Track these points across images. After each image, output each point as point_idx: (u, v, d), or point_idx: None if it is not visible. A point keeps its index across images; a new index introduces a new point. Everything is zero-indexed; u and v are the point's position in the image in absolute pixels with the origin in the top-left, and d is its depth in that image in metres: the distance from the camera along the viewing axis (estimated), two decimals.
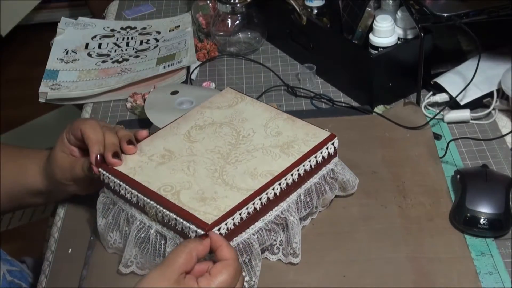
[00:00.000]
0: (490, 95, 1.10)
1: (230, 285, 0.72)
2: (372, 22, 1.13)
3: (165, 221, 0.81)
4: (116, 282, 0.87)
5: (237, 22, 1.31)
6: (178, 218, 0.79)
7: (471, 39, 1.13)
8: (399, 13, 1.13)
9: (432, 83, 1.14)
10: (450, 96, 1.11)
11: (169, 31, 1.38)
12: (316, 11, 1.24)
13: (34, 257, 1.15)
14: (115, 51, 1.33)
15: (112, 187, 0.86)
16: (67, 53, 1.32)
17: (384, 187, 0.98)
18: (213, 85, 1.20)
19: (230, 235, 0.79)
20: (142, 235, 0.84)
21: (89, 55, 1.32)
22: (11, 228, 2.18)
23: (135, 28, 1.41)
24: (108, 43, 1.36)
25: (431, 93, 1.14)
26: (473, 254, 0.88)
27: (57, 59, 1.30)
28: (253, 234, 0.83)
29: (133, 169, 0.86)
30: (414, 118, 1.09)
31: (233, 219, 0.79)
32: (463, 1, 1.07)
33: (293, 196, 0.87)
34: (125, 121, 1.15)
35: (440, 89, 1.12)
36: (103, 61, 1.30)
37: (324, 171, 0.90)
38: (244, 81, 1.24)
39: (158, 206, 0.81)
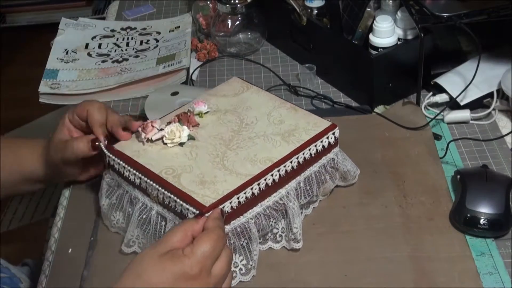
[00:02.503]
0: (490, 95, 1.10)
1: (213, 252, 0.73)
2: (372, 22, 1.13)
3: (165, 202, 0.83)
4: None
5: (237, 22, 1.31)
6: (177, 200, 0.81)
7: (471, 40, 1.13)
8: (399, 14, 1.13)
9: (432, 83, 1.14)
10: (450, 97, 1.11)
11: (169, 31, 1.38)
12: (316, 11, 1.24)
13: (35, 258, 1.15)
14: (115, 51, 1.33)
15: (117, 169, 0.89)
16: (67, 53, 1.32)
17: (385, 187, 0.98)
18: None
19: (227, 218, 0.82)
20: (144, 216, 0.87)
21: (89, 55, 1.32)
22: (11, 229, 2.18)
23: (135, 28, 1.41)
24: (108, 43, 1.36)
25: (431, 93, 1.14)
26: (473, 254, 0.88)
27: (57, 58, 1.31)
28: (251, 219, 0.85)
29: (137, 152, 0.88)
30: (414, 118, 1.09)
31: (230, 202, 0.81)
32: (463, 1, 1.07)
33: (293, 183, 0.89)
34: None
35: (440, 89, 1.12)
36: (103, 61, 1.30)
37: (324, 160, 0.92)
38: None
39: (159, 188, 0.83)
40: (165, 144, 0.89)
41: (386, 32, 1.11)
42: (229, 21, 1.31)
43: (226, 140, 0.90)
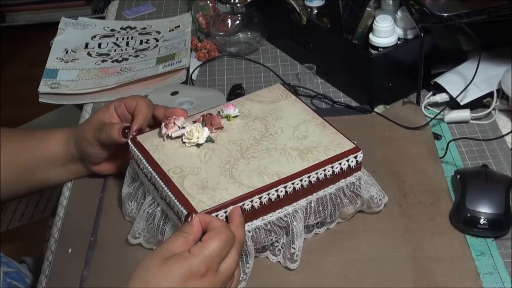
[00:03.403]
0: (490, 95, 1.10)
1: (222, 252, 0.73)
2: (372, 22, 1.13)
3: (167, 201, 0.83)
4: (118, 283, 0.87)
5: (237, 22, 1.31)
6: (175, 200, 0.81)
7: (471, 39, 1.13)
8: (399, 13, 1.13)
9: (432, 83, 1.14)
10: (450, 96, 1.11)
11: (169, 31, 1.38)
12: (316, 11, 1.24)
13: (34, 257, 1.15)
14: (115, 50, 1.33)
15: (136, 160, 0.90)
16: (66, 53, 1.32)
17: (384, 187, 0.97)
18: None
19: None
20: (150, 211, 0.87)
21: (89, 54, 1.32)
22: (11, 228, 2.18)
23: (135, 28, 1.41)
24: (108, 43, 1.36)
25: (431, 93, 1.14)
26: (473, 254, 0.88)
27: (57, 58, 1.31)
28: (248, 231, 0.83)
29: (155, 147, 0.89)
30: (413, 118, 1.09)
31: (225, 212, 0.80)
32: (463, 1, 1.07)
33: (302, 202, 0.86)
34: None
35: (440, 89, 1.12)
36: (103, 61, 1.30)
37: (343, 183, 0.88)
38: (244, 81, 1.24)
39: (164, 186, 0.83)
40: (184, 143, 0.89)
41: (386, 31, 1.11)
42: (229, 21, 1.31)
43: (243, 148, 0.88)
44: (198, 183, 0.83)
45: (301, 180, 0.84)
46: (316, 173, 0.85)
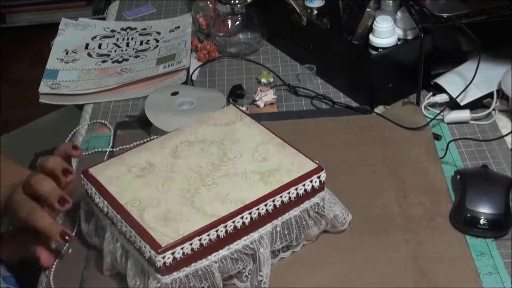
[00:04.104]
0: (490, 95, 1.10)
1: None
2: (372, 22, 1.13)
3: (127, 236, 0.80)
4: (118, 283, 0.87)
5: (237, 22, 1.31)
6: (136, 235, 0.78)
7: (471, 40, 1.13)
8: (399, 14, 1.13)
9: (432, 83, 1.14)
10: (450, 97, 1.11)
11: (169, 31, 1.38)
12: (316, 11, 1.24)
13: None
14: (115, 51, 1.33)
15: (90, 195, 0.86)
16: (67, 53, 1.33)
17: (384, 187, 0.98)
18: None
19: (188, 260, 0.78)
20: (111, 247, 0.84)
21: (89, 55, 1.32)
22: (11, 229, 2.18)
23: (135, 28, 1.41)
24: (108, 44, 1.36)
25: (431, 93, 1.14)
26: (473, 254, 0.88)
27: (57, 59, 1.31)
28: (215, 262, 0.80)
29: (110, 179, 0.84)
30: (413, 118, 1.09)
31: (191, 244, 0.77)
32: (463, 1, 1.07)
33: (268, 227, 0.83)
34: (125, 122, 1.15)
35: (440, 89, 1.12)
36: (103, 61, 1.30)
37: (307, 204, 0.86)
38: (244, 81, 1.24)
39: (122, 221, 0.80)
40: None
41: (386, 32, 1.11)
42: (229, 21, 1.31)
43: (203, 175, 0.85)
44: (159, 215, 0.79)
45: (265, 205, 0.81)
46: (281, 197, 0.82)
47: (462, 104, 1.10)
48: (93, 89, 1.21)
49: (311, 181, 0.85)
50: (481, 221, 0.90)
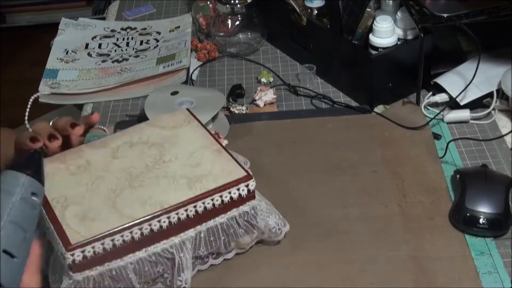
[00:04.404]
0: (490, 95, 1.11)
1: None
2: (372, 22, 1.13)
3: (49, 231, 0.80)
4: None
5: (237, 22, 1.31)
6: (54, 231, 0.78)
7: (471, 40, 1.13)
8: (399, 14, 1.13)
9: (432, 83, 1.14)
10: (450, 96, 1.11)
11: (169, 31, 1.39)
12: (316, 11, 1.24)
13: None
14: (115, 51, 1.33)
15: None
16: (67, 53, 1.33)
17: (384, 186, 0.98)
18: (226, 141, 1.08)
19: (101, 259, 0.77)
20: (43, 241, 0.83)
21: (89, 55, 1.32)
22: None
23: (135, 28, 1.41)
24: (108, 43, 1.36)
25: (431, 93, 1.15)
26: (472, 254, 0.88)
27: (57, 58, 1.31)
28: (131, 263, 0.79)
29: (47, 175, 0.83)
30: (413, 118, 1.09)
31: (102, 244, 0.76)
32: (463, 1, 1.07)
33: (190, 232, 0.82)
34: (125, 122, 1.15)
35: (440, 89, 1.12)
36: (103, 61, 1.30)
37: (235, 212, 0.84)
38: (244, 81, 1.24)
39: (46, 216, 0.80)
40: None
41: (386, 32, 1.11)
42: (229, 21, 1.31)
43: (133, 176, 0.84)
44: (80, 213, 0.79)
45: (186, 210, 0.81)
46: (203, 203, 0.81)
47: (462, 103, 1.10)
48: (93, 89, 1.21)
49: (238, 189, 0.83)
50: (481, 221, 0.90)
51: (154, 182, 0.84)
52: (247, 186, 0.84)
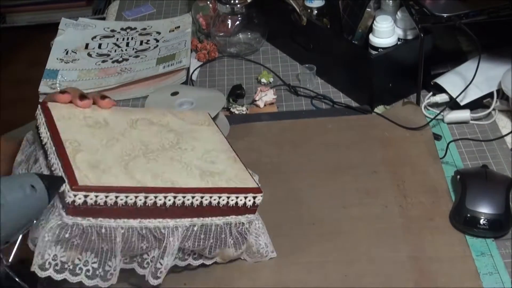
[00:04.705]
0: (490, 95, 1.10)
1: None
2: (372, 22, 1.13)
3: (52, 169, 0.78)
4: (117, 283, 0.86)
5: (237, 22, 1.31)
6: (60, 168, 0.76)
7: (471, 40, 1.13)
8: (399, 14, 1.13)
9: (432, 83, 1.14)
10: (450, 97, 1.11)
11: (169, 31, 1.38)
12: (316, 11, 1.24)
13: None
14: (115, 51, 1.33)
15: (37, 125, 0.84)
16: (67, 53, 1.33)
17: (384, 187, 0.98)
18: None
19: (96, 211, 0.76)
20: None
21: (89, 55, 1.32)
22: None
23: (135, 28, 1.41)
24: (108, 43, 1.36)
25: (431, 93, 1.14)
26: (473, 254, 0.88)
27: (57, 59, 1.31)
28: (122, 228, 0.77)
29: (62, 117, 0.83)
30: (413, 118, 1.09)
31: (106, 196, 0.75)
32: (463, 1, 1.07)
33: (186, 221, 0.81)
34: None
35: (440, 89, 1.12)
36: (103, 61, 1.30)
37: (232, 219, 0.84)
38: (244, 81, 1.24)
39: (54, 152, 0.78)
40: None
41: (386, 32, 1.11)
42: (229, 21, 1.31)
43: (148, 149, 0.83)
44: (91, 161, 0.78)
45: (193, 197, 0.80)
46: (210, 197, 0.81)
47: (462, 104, 1.10)
48: (93, 89, 1.21)
49: (245, 197, 0.83)
50: (481, 221, 0.90)
51: (168, 162, 0.83)
52: (254, 198, 0.84)
